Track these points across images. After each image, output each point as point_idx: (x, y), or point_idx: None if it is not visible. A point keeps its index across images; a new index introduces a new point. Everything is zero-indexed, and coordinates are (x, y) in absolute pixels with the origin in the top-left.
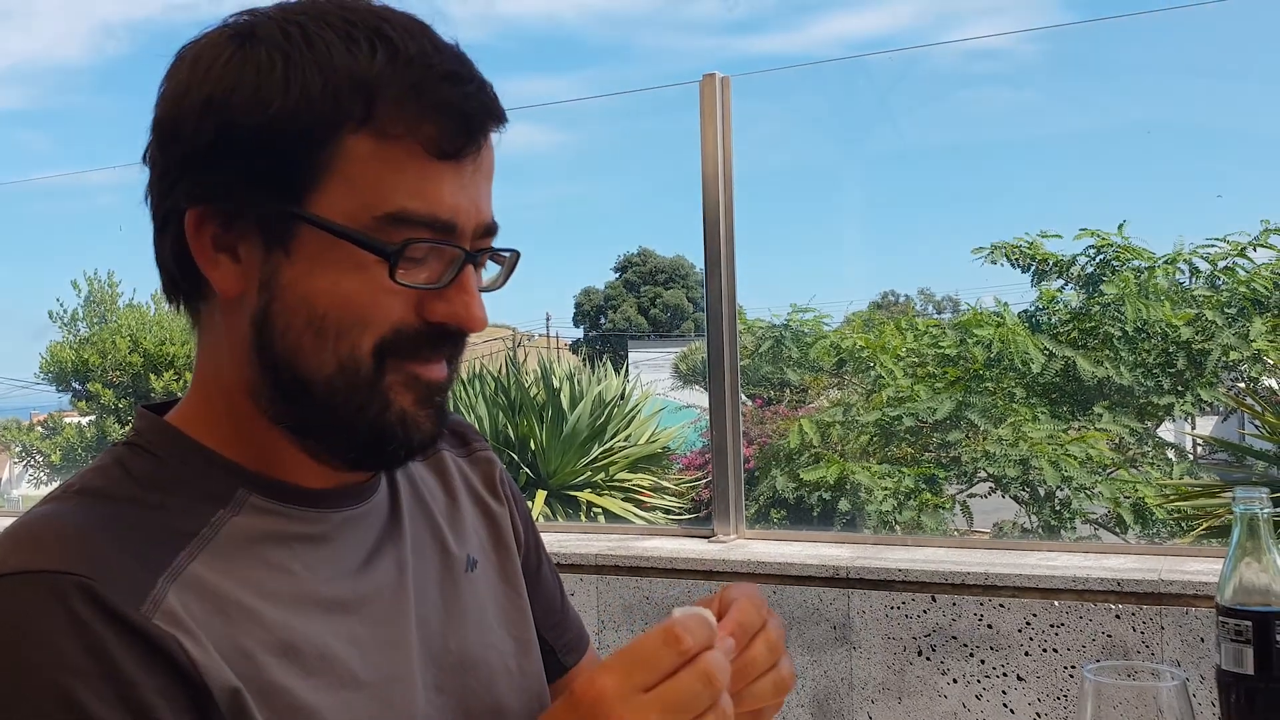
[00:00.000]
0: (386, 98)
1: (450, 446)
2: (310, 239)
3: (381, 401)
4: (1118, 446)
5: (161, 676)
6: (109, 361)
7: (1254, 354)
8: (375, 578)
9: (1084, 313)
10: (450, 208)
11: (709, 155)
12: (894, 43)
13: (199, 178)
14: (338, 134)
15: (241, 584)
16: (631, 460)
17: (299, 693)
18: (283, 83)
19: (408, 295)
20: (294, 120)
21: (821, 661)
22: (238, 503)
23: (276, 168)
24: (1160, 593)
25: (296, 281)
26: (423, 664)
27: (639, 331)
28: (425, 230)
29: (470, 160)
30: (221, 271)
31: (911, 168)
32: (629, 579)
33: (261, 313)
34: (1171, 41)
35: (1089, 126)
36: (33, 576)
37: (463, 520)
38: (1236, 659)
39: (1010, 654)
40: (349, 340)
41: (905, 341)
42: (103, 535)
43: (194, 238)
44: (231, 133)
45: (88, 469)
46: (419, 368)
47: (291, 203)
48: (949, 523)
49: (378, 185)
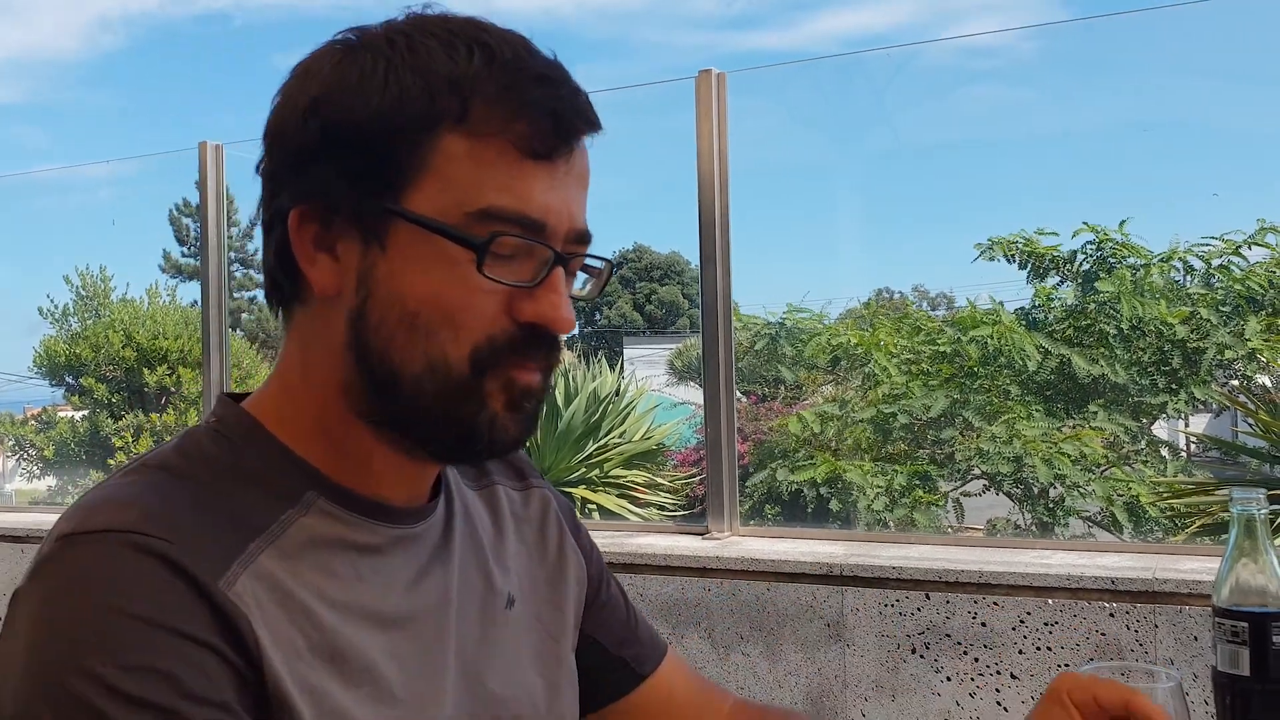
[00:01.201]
0: (481, 98)
1: (505, 480)
2: (405, 235)
3: (476, 404)
4: (1112, 444)
5: (229, 648)
6: (102, 356)
7: (1248, 352)
8: (422, 598)
9: (1079, 310)
10: (540, 207)
11: (705, 151)
12: (890, 40)
13: (302, 177)
14: (434, 132)
15: (302, 584)
16: (626, 457)
17: (340, 700)
18: (382, 83)
19: (498, 297)
20: (392, 118)
21: (815, 659)
22: (306, 504)
23: (374, 165)
24: (1154, 591)
25: (391, 277)
26: (455, 690)
27: (634, 328)
28: (515, 227)
29: (562, 162)
30: (320, 270)
31: (907, 165)
32: (623, 576)
33: (358, 308)
34: (1168, 40)
35: (1085, 124)
36: (119, 534)
37: (507, 556)
38: (1233, 660)
39: (1004, 652)
40: (439, 341)
41: (900, 339)
42: (183, 511)
43: (295, 236)
44: (333, 131)
45: (166, 447)
46: (516, 372)
47: (388, 199)
48: (942, 520)
49: (470, 182)
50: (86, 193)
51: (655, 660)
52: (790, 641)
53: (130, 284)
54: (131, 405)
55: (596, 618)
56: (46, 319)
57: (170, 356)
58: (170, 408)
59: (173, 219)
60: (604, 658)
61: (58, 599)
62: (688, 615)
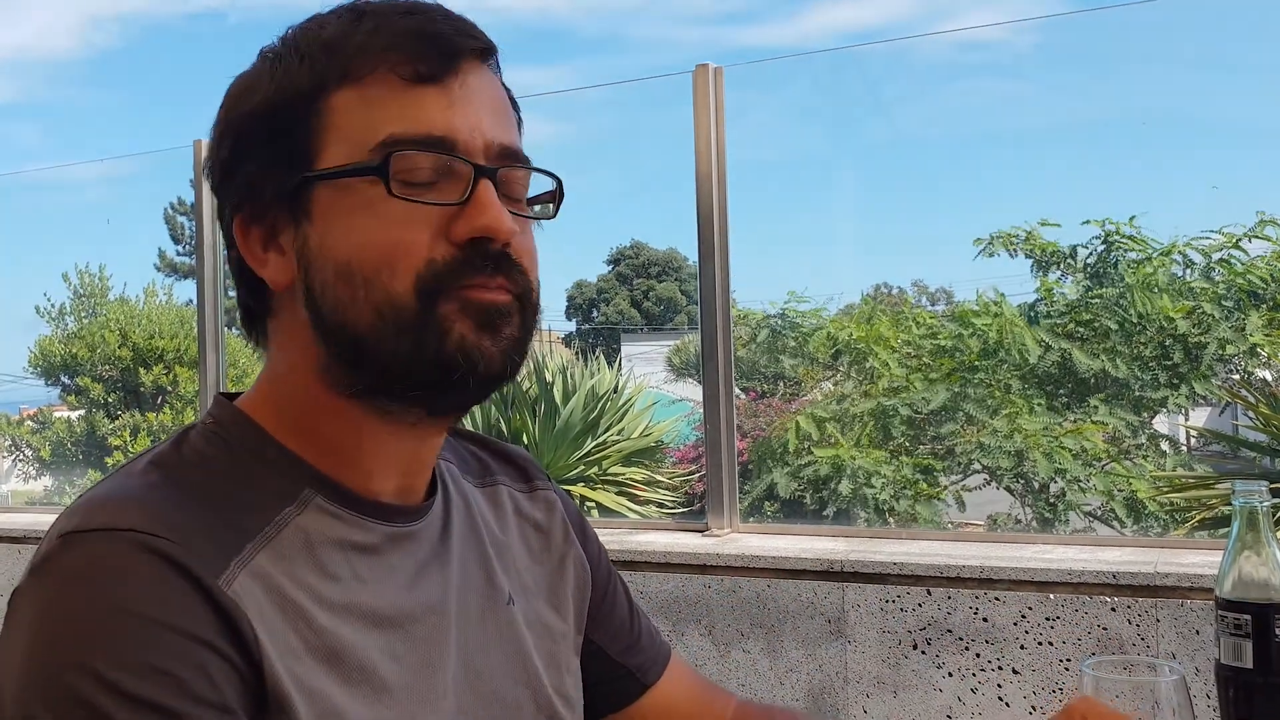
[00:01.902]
0: (355, 47)
1: (510, 481)
2: (324, 196)
3: (437, 333)
4: (1113, 439)
5: (229, 647)
6: (98, 355)
7: (1250, 347)
8: (421, 596)
9: (1081, 305)
10: (443, 124)
11: (702, 146)
12: (887, 33)
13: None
14: (323, 96)
15: (297, 584)
16: (625, 454)
17: (338, 700)
18: (270, 72)
19: (429, 224)
20: (285, 98)
21: (816, 656)
22: (303, 502)
23: (280, 145)
24: (1156, 585)
25: (322, 240)
26: (456, 689)
27: (632, 325)
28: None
29: (455, 83)
30: (272, 268)
31: (904, 159)
32: (623, 573)
33: (305, 285)
34: (1166, 32)
35: (1082, 117)
36: (119, 533)
37: (509, 556)
38: (1235, 653)
39: (1005, 647)
40: (380, 285)
41: (900, 333)
42: (182, 509)
43: (243, 244)
44: (241, 134)
45: (163, 447)
46: (471, 293)
47: (300, 170)
48: (943, 514)
49: (365, 124)
50: (80, 191)
51: (659, 668)
52: (791, 638)
53: (126, 283)
54: (128, 405)
55: (600, 624)
56: (43, 317)
57: (166, 356)
58: (167, 407)
59: (167, 218)
60: (607, 665)
61: (59, 597)
62: (688, 612)
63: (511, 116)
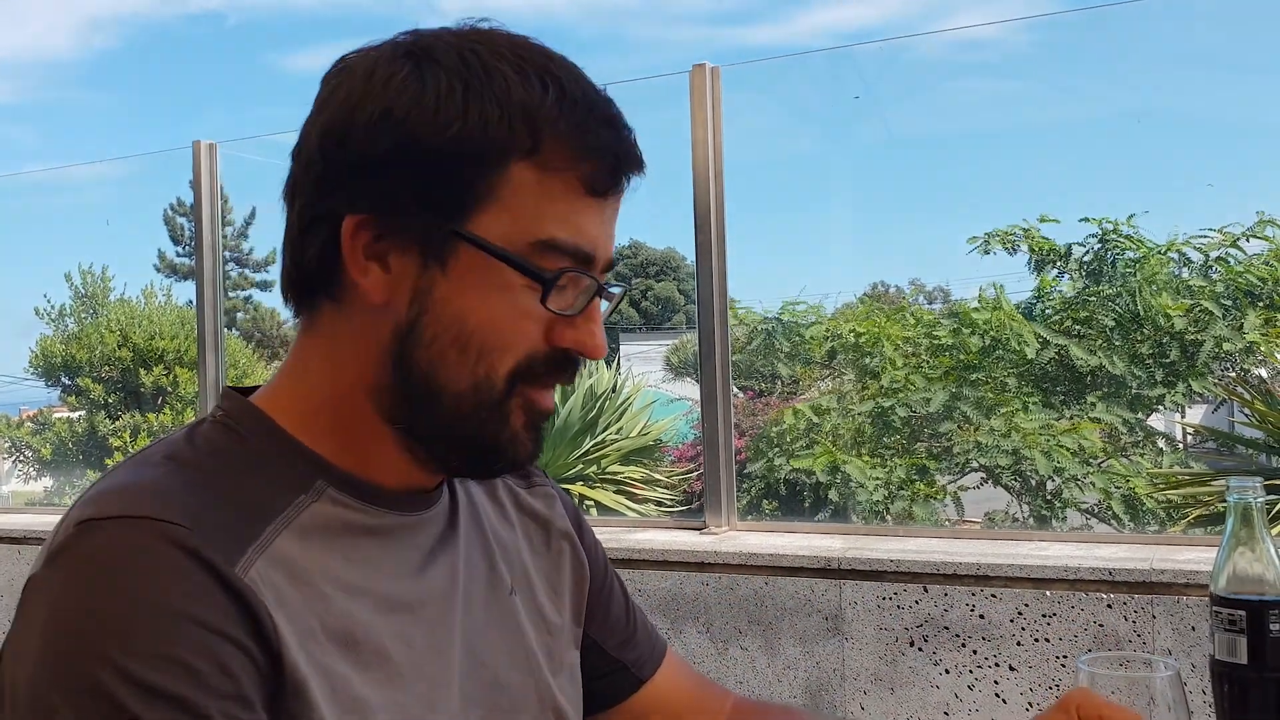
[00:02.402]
0: (553, 133)
1: (510, 476)
2: (467, 258)
3: (501, 421)
4: (1110, 436)
5: (245, 636)
6: (98, 356)
7: (1246, 346)
8: (429, 583)
9: (1078, 302)
10: (592, 240)
11: (699, 145)
12: (883, 33)
13: (366, 187)
14: (506, 162)
15: (317, 567)
16: (624, 453)
17: (354, 683)
18: (462, 108)
19: (543, 320)
20: (468, 144)
21: (814, 653)
22: (316, 491)
23: (445, 187)
24: (1152, 582)
25: (450, 298)
26: (462, 674)
27: (630, 324)
28: (569, 259)
29: (614, 200)
30: (371, 279)
31: (900, 158)
32: (621, 571)
33: (409, 323)
34: (1161, 30)
35: (1078, 116)
36: (136, 521)
37: (511, 548)
38: (1230, 648)
39: (1002, 644)
40: (488, 361)
41: (903, 330)
42: (197, 498)
43: (349, 243)
44: (407, 148)
45: (175, 437)
46: (537, 393)
47: (455, 222)
48: (940, 513)
49: (535, 213)
50: (79, 193)
51: (655, 663)
52: (789, 635)
53: (127, 284)
54: (128, 406)
55: (597, 619)
56: (43, 319)
57: (167, 357)
58: (167, 408)
59: (167, 219)
60: (603, 659)
61: (74, 585)
62: (686, 610)
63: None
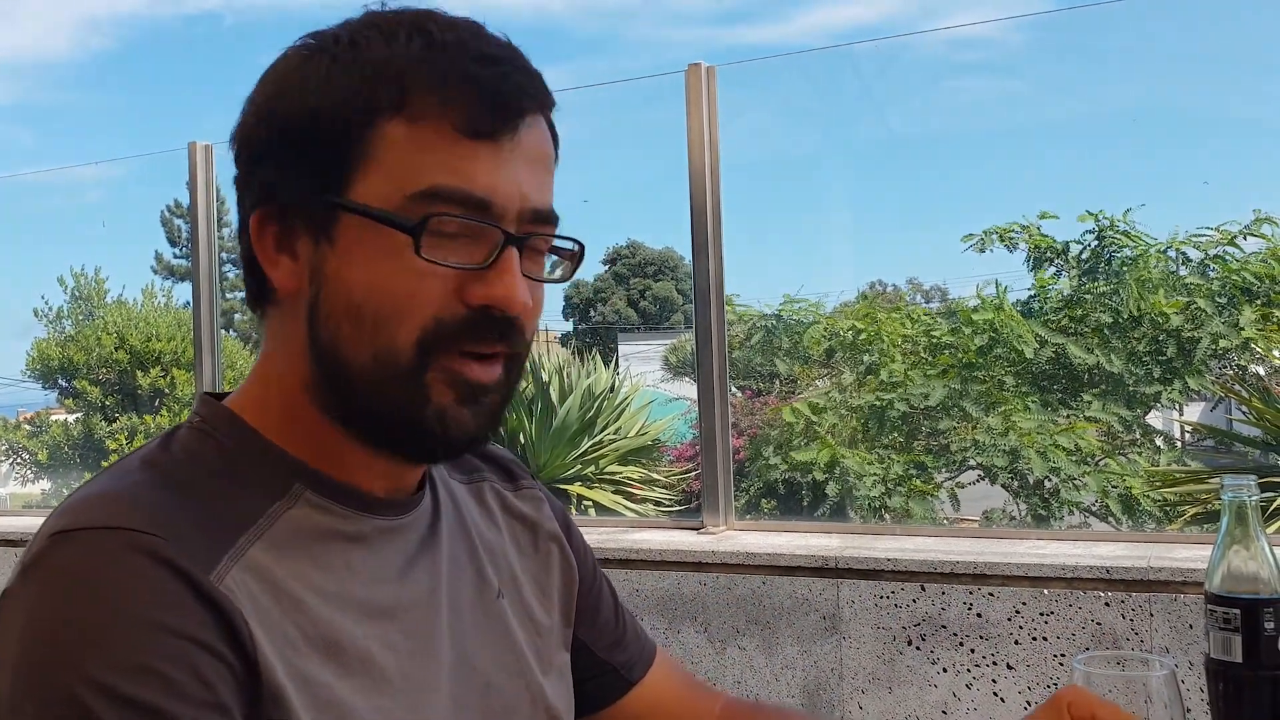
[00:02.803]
0: (418, 82)
1: (496, 479)
2: (350, 226)
3: (420, 397)
4: (1107, 434)
5: (221, 644)
6: (95, 358)
7: (1243, 342)
8: (412, 588)
9: (1076, 300)
10: (485, 186)
11: (695, 145)
12: (880, 32)
13: (260, 182)
14: (373, 122)
15: (294, 576)
16: (622, 453)
17: (338, 690)
18: (324, 80)
19: (447, 280)
20: (332, 112)
21: (811, 652)
22: (293, 496)
23: (319, 160)
24: (1149, 580)
25: (339, 270)
26: (451, 679)
27: (629, 324)
28: (456, 207)
29: (507, 141)
30: (282, 271)
31: (897, 157)
32: (619, 571)
33: (312, 305)
34: (1159, 28)
35: (1076, 115)
36: (109, 531)
37: (498, 552)
38: (1225, 647)
39: (1000, 643)
40: (386, 331)
41: (901, 328)
42: (172, 506)
43: (257, 240)
44: (281, 132)
45: (151, 445)
46: (462, 365)
47: (332, 192)
48: (937, 510)
49: (410, 166)
50: (76, 194)
51: (644, 666)
52: (786, 634)
53: (125, 286)
54: (125, 408)
55: (586, 621)
56: (41, 320)
57: (164, 359)
58: (164, 410)
59: (164, 220)
60: (593, 662)
61: (49, 597)
62: (684, 610)
63: (550, 171)
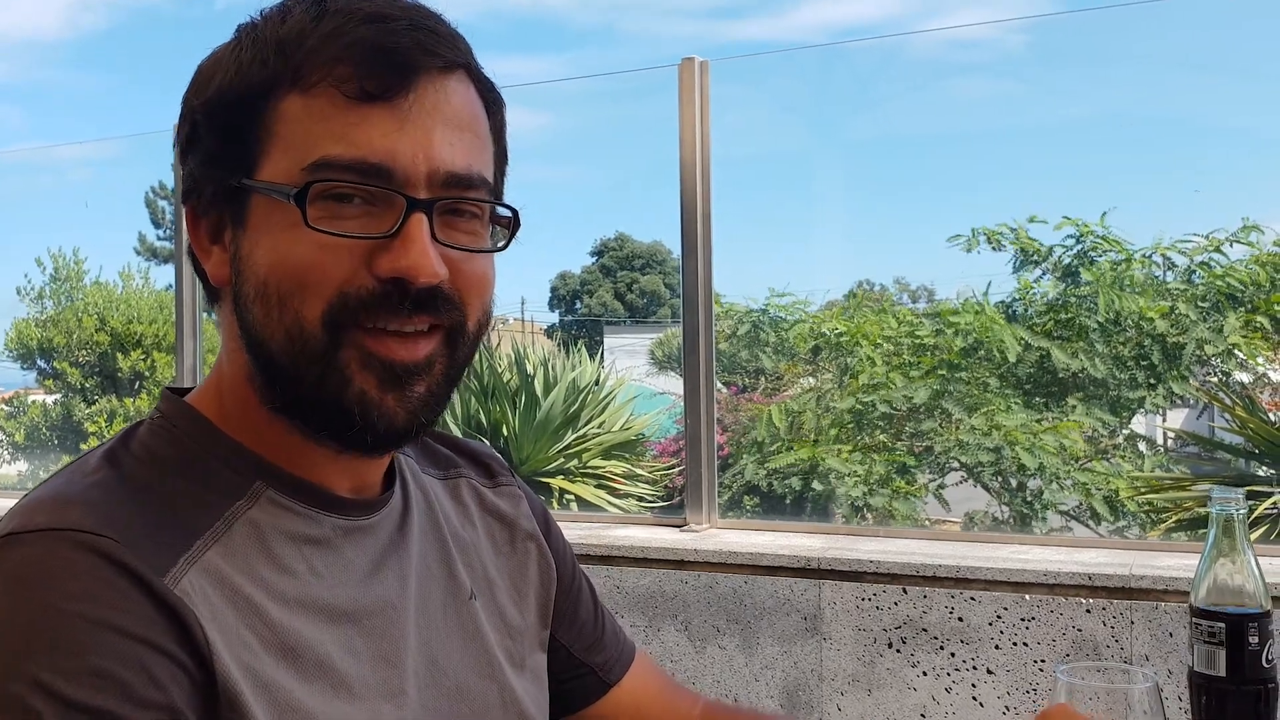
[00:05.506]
0: (307, 51)
1: (474, 475)
2: (258, 206)
3: (338, 378)
4: (1090, 438)
5: (175, 646)
6: (75, 340)
7: (1227, 348)
8: (378, 591)
9: (1060, 304)
10: (384, 150)
11: (687, 139)
12: (877, 30)
13: (187, 174)
14: (271, 99)
15: (251, 579)
16: (605, 447)
17: (298, 695)
18: (231, 66)
19: (353, 252)
20: (233, 94)
21: (791, 653)
22: (253, 495)
23: (227, 144)
24: (1130, 588)
25: (251, 252)
26: (417, 684)
27: (615, 317)
28: (350, 174)
29: (403, 100)
30: (214, 261)
31: (889, 156)
32: (600, 568)
33: (236, 292)
34: (1156, 33)
35: (1072, 118)
36: (60, 533)
37: (472, 551)
38: (1209, 661)
39: (980, 647)
40: (292, 307)
41: (884, 330)
42: (128, 507)
43: (193, 233)
44: (198, 124)
45: (110, 444)
46: (377, 344)
47: (243, 175)
48: (920, 511)
49: (305, 138)
50: (63, 173)
51: (623, 667)
52: (767, 635)
53: (104, 267)
54: (105, 390)
55: (564, 622)
56: (23, 299)
57: (145, 341)
58: (144, 393)
59: (148, 201)
60: (570, 663)
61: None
62: (665, 608)
63: (476, 134)
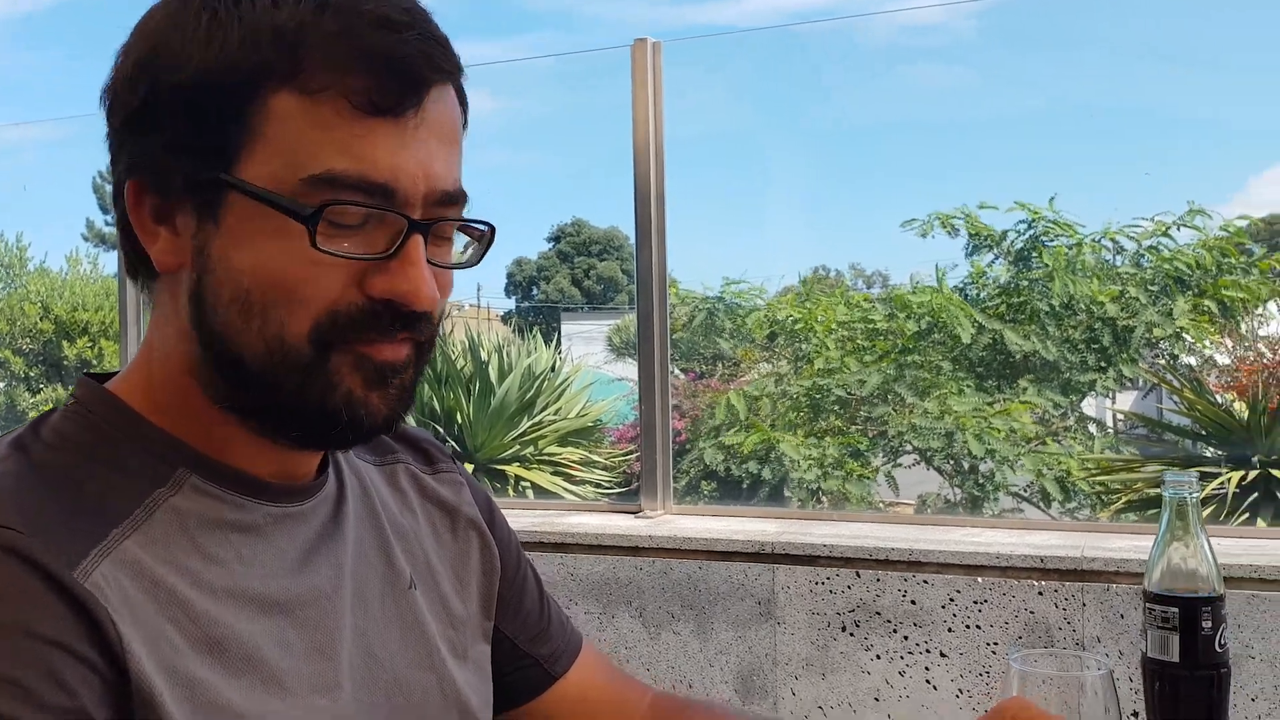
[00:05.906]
0: (311, 49)
1: (413, 462)
2: (239, 206)
3: (325, 385)
4: (1041, 420)
5: (85, 646)
6: (18, 328)
7: (1175, 332)
8: (311, 580)
9: (1013, 287)
10: (388, 169)
11: (640, 122)
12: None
13: (134, 146)
14: (261, 91)
15: (173, 570)
16: (562, 434)
17: (222, 691)
18: (204, 39)
19: (346, 269)
20: (215, 78)
21: (746, 638)
22: (176, 482)
23: (201, 130)
24: (1082, 570)
25: (225, 252)
26: (352, 677)
27: (572, 303)
28: (355, 194)
29: (411, 117)
30: (160, 245)
31: (844, 141)
32: (554, 555)
33: (197, 287)
34: (1108, 21)
35: (1023, 103)
36: None
37: (412, 538)
38: (1162, 646)
39: (933, 630)
40: (276, 320)
41: (838, 315)
42: (37, 496)
43: (134, 211)
44: (159, 95)
45: (21, 431)
46: (367, 348)
47: (219, 167)
48: (874, 494)
49: (304, 145)
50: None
51: (569, 658)
52: (721, 620)
53: (49, 253)
54: (50, 378)
55: (509, 612)
56: None
57: (91, 329)
58: None
59: (95, 186)
60: (515, 654)
61: None
62: (619, 594)
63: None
